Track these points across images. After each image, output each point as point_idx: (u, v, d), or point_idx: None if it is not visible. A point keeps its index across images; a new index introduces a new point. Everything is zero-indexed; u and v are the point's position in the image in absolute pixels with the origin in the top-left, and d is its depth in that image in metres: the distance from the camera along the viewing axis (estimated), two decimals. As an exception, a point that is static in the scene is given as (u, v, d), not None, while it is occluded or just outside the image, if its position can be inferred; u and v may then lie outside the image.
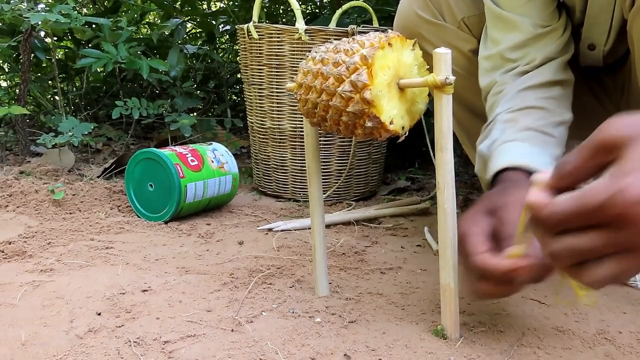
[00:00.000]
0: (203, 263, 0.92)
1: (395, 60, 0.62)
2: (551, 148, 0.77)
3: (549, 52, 0.84)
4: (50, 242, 1.01)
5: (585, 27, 0.87)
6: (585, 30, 0.88)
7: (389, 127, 0.61)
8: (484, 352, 0.63)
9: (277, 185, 1.42)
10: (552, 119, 0.80)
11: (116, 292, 0.78)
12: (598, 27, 0.86)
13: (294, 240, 1.06)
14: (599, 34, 0.87)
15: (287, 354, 0.62)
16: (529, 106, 0.80)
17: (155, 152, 1.18)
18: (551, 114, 0.80)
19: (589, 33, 0.88)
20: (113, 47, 1.62)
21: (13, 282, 0.81)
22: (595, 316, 0.74)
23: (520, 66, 0.84)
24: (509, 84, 0.84)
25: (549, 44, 0.84)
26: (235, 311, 0.73)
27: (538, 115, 0.79)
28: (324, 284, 0.79)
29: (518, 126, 0.78)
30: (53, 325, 0.69)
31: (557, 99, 0.82)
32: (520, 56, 0.85)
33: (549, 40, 0.85)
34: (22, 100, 1.71)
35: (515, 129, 0.78)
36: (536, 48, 0.84)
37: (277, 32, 1.30)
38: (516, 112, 0.80)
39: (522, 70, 0.84)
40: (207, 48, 2.18)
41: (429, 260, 0.95)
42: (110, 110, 1.72)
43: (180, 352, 0.63)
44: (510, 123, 0.79)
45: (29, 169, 1.54)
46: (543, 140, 0.77)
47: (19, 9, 1.55)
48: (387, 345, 0.64)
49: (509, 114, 0.80)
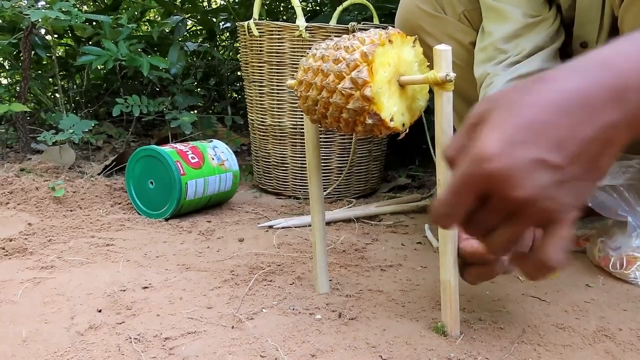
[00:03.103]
0: (203, 260, 0.93)
1: (396, 57, 0.62)
2: None
3: (538, 41, 0.85)
4: (51, 239, 1.01)
5: (576, 25, 0.88)
6: (576, 29, 0.89)
7: (389, 124, 0.61)
8: (484, 348, 0.63)
9: (278, 183, 1.42)
10: None
11: (117, 289, 0.78)
12: (589, 25, 0.87)
13: (294, 238, 1.06)
14: (590, 31, 0.88)
15: (288, 350, 0.62)
16: None
17: (156, 149, 1.18)
18: None
19: (581, 31, 0.89)
20: (113, 44, 1.62)
21: (14, 279, 0.81)
22: (596, 313, 0.74)
23: (512, 57, 0.85)
24: (499, 75, 0.85)
25: (539, 34, 0.86)
26: (235, 308, 0.73)
27: None
28: (325, 281, 0.79)
29: None
30: (54, 322, 0.69)
31: None
32: (511, 47, 0.86)
33: (540, 30, 0.86)
34: (23, 98, 1.71)
35: None
36: (527, 38, 0.85)
37: (278, 30, 1.30)
38: None
39: (512, 61, 0.85)
40: (208, 45, 2.18)
41: (429, 257, 0.95)
42: (111, 107, 1.72)
43: (181, 348, 0.63)
44: None
45: (30, 166, 1.54)
46: None
47: (20, 6, 1.55)
48: (387, 342, 0.64)
49: None
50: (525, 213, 0.44)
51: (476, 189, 0.44)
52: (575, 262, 0.93)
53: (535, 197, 0.42)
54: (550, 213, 0.43)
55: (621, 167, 0.85)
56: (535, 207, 0.43)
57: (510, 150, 0.42)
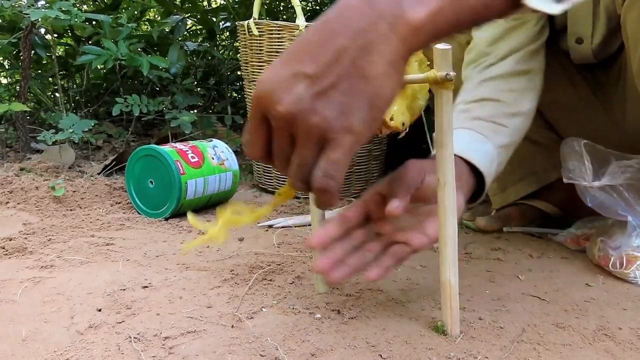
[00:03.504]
0: (203, 259, 0.93)
1: (396, 57, 0.61)
2: (501, 137, 0.79)
3: (515, 44, 0.86)
4: (50, 238, 1.01)
5: (570, 21, 0.89)
6: (570, 25, 0.89)
7: (389, 123, 0.61)
8: (484, 348, 0.63)
9: (278, 182, 1.42)
10: (505, 109, 0.81)
11: (117, 289, 0.78)
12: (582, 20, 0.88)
13: (294, 237, 1.06)
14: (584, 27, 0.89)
15: (288, 349, 0.62)
16: (484, 98, 0.81)
17: (156, 148, 1.18)
18: (506, 105, 0.82)
19: (574, 27, 0.89)
20: (113, 44, 1.62)
21: (13, 279, 0.81)
22: (596, 312, 0.74)
23: (489, 59, 0.86)
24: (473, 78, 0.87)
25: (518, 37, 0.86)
26: (235, 307, 0.73)
27: (491, 107, 0.81)
28: (324, 280, 0.79)
29: (469, 116, 0.80)
30: (53, 321, 0.69)
31: (517, 91, 0.84)
32: (492, 50, 0.87)
33: (519, 33, 0.87)
34: (23, 97, 1.71)
35: (466, 118, 0.80)
36: (506, 41, 0.86)
37: (278, 29, 1.30)
38: (470, 104, 0.82)
39: (488, 64, 0.86)
40: (208, 45, 2.18)
41: (429, 256, 0.95)
42: (111, 107, 1.72)
43: (181, 347, 0.63)
44: (464, 113, 0.81)
45: (30, 165, 1.54)
46: (493, 130, 0.79)
47: (19, 6, 1.55)
48: (387, 342, 0.64)
49: (464, 105, 0.82)
50: (298, 131, 0.45)
51: (257, 113, 0.46)
52: (575, 262, 0.94)
53: (295, 110, 0.43)
54: (317, 129, 0.44)
55: (620, 167, 0.85)
56: (300, 122, 0.44)
57: (274, 70, 0.44)
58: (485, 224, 1.09)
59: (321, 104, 0.43)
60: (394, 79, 0.45)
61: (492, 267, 0.91)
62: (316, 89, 0.43)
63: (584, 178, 0.86)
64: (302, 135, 0.45)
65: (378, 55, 0.43)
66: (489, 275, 0.87)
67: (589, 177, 0.85)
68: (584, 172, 0.86)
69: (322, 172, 0.46)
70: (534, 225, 1.12)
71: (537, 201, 1.13)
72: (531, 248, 1.00)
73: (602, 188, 0.85)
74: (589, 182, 0.85)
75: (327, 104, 0.43)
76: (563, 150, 0.89)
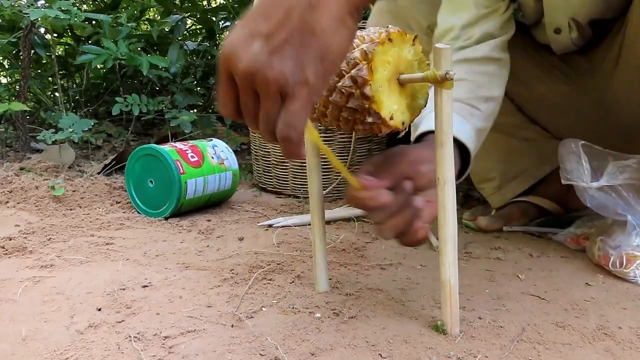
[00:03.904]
0: (203, 259, 0.93)
1: (396, 56, 0.61)
2: (476, 120, 0.80)
3: (488, 28, 0.88)
4: (50, 238, 1.01)
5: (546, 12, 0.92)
6: (546, 15, 0.93)
7: (389, 122, 0.61)
8: (483, 347, 0.63)
9: (278, 182, 1.42)
10: (480, 93, 0.83)
11: (116, 288, 0.78)
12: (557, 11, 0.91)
13: (294, 237, 1.06)
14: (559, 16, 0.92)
15: (287, 349, 0.62)
16: (460, 78, 0.82)
17: (156, 148, 1.18)
18: (480, 88, 0.83)
19: (551, 18, 0.92)
20: (113, 43, 1.62)
21: (13, 278, 0.81)
22: (595, 312, 0.74)
23: (460, 42, 0.88)
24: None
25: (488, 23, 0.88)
26: (235, 307, 0.73)
27: (467, 88, 0.82)
28: (324, 279, 0.79)
29: None
30: (53, 320, 0.69)
31: (490, 75, 0.86)
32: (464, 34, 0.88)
33: (490, 20, 0.89)
34: (22, 97, 1.71)
35: None
36: (480, 26, 0.88)
37: (277, 28, 1.30)
38: None
39: (460, 46, 0.87)
40: (208, 44, 2.18)
41: (429, 256, 0.95)
42: (111, 106, 1.72)
43: (181, 347, 0.63)
44: None
45: (29, 165, 1.54)
46: (469, 112, 0.80)
47: (19, 5, 1.55)
48: (387, 341, 0.64)
49: None
50: (258, 86, 0.47)
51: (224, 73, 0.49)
52: (574, 261, 0.94)
53: (253, 66, 0.46)
54: (275, 83, 0.47)
55: (618, 167, 0.85)
56: (258, 77, 0.47)
57: (236, 31, 0.47)
58: (486, 224, 1.09)
59: (277, 59, 0.46)
60: (342, 34, 0.48)
61: (492, 267, 0.91)
62: (271, 46, 0.46)
63: (582, 179, 0.86)
64: (263, 90, 0.48)
65: (324, 11, 0.47)
66: (489, 274, 0.87)
67: (588, 178, 0.85)
68: (582, 173, 0.86)
69: (283, 122, 0.49)
70: (534, 223, 1.12)
71: (536, 197, 1.14)
72: (531, 247, 1.01)
73: (601, 188, 0.85)
74: (587, 183, 0.85)
75: (282, 59, 0.46)
76: (561, 152, 0.89)
